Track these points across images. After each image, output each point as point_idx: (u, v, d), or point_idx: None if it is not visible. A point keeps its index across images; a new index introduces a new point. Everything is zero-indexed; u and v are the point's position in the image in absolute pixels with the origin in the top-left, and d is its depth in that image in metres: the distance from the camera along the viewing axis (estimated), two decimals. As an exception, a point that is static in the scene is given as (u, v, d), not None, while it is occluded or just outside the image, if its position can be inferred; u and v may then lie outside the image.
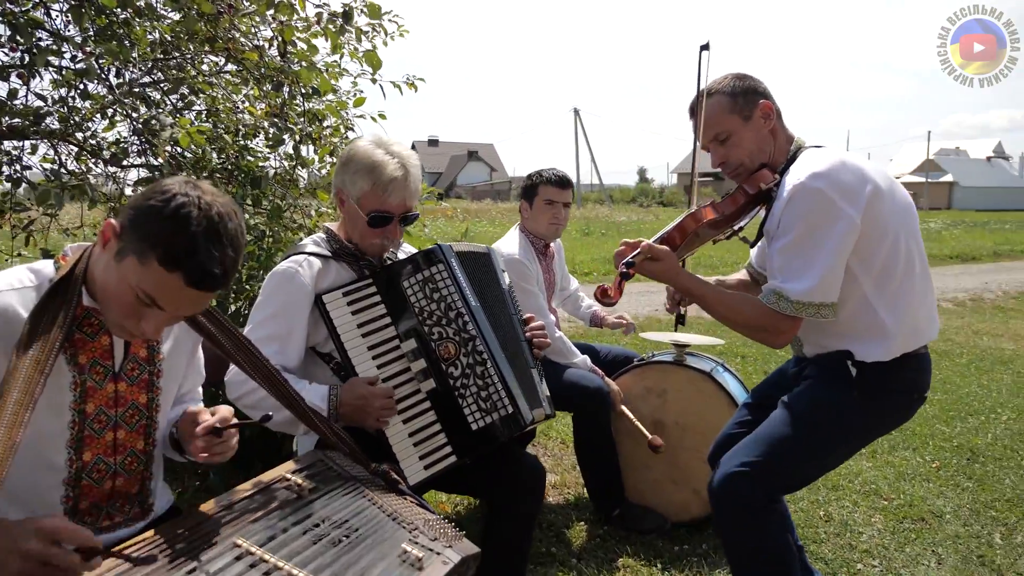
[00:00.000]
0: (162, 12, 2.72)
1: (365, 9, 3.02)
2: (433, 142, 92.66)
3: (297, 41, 3.02)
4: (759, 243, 2.39)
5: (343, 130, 3.85)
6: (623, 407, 3.08)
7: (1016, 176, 69.73)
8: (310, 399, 1.89)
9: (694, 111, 2.13)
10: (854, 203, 1.85)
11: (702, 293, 2.04)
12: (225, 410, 1.52)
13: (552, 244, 3.33)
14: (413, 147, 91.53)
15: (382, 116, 4.17)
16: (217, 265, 1.27)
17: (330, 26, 2.89)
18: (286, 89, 2.90)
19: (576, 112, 43.64)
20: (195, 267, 1.26)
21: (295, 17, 2.92)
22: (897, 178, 1.99)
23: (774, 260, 1.94)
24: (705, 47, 2.10)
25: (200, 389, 1.85)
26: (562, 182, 3.15)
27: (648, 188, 73.09)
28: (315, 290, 2.02)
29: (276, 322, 1.99)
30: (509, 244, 3.13)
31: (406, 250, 2.32)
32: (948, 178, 61.14)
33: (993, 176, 65.25)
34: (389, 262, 2.16)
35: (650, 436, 3.03)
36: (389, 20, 3.66)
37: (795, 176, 1.89)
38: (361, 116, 4.03)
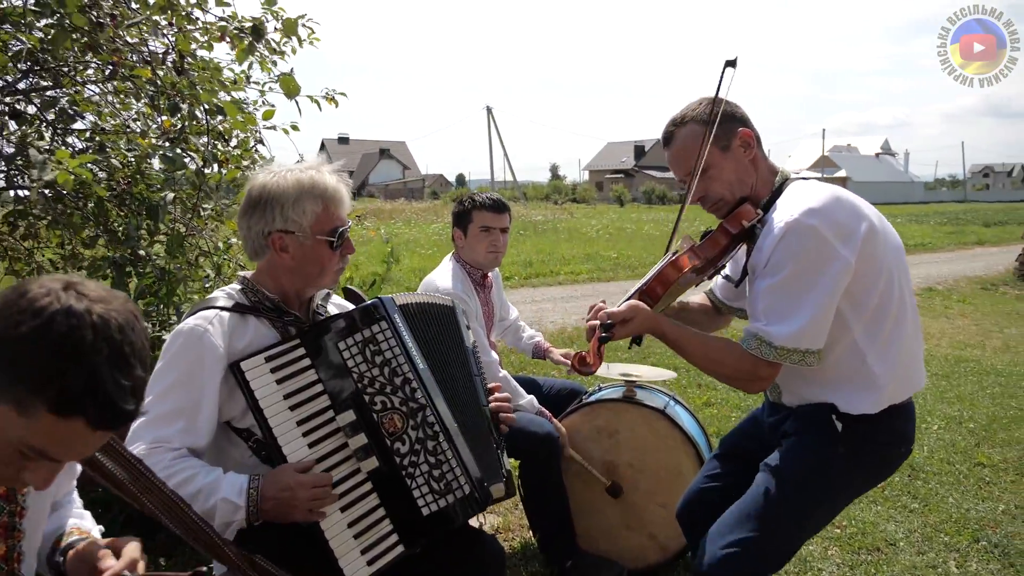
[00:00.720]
0: (32, 17, 2.27)
1: (278, 24, 2.66)
2: (343, 140, 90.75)
3: (197, 51, 2.64)
4: (724, 279, 2.22)
5: (252, 143, 3.49)
6: (571, 451, 2.86)
7: (902, 171, 74.46)
8: (224, 494, 1.57)
9: (668, 140, 1.94)
10: (849, 243, 1.69)
11: (677, 336, 1.85)
12: (131, 549, 1.18)
13: (490, 273, 3.07)
14: (323, 146, 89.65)
15: (295, 128, 3.84)
16: (129, 397, 0.96)
17: (237, 40, 2.52)
18: (185, 106, 2.52)
19: (489, 110, 43.53)
20: (102, 406, 0.94)
21: (192, 25, 2.54)
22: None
23: (758, 300, 1.76)
24: (731, 63, 1.88)
25: (74, 489, 1.49)
26: (497, 206, 2.90)
27: (561, 185, 73.93)
28: (228, 352, 1.69)
29: (180, 393, 1.65)
30: (443, 277, 2.85)
31: (337, 303, 2.01)
32: (842, 173, 64.58)
33: (882, 171, 69.44)
34: (320, 318, 1.85)
35: (608, 482, 2.84)
36: (303, 25, 3.31)
37: (787, 211, 1.72)
38: (272, 127, 3.71)
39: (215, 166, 2.84)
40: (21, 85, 2.45)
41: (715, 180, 1.87)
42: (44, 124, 2.64)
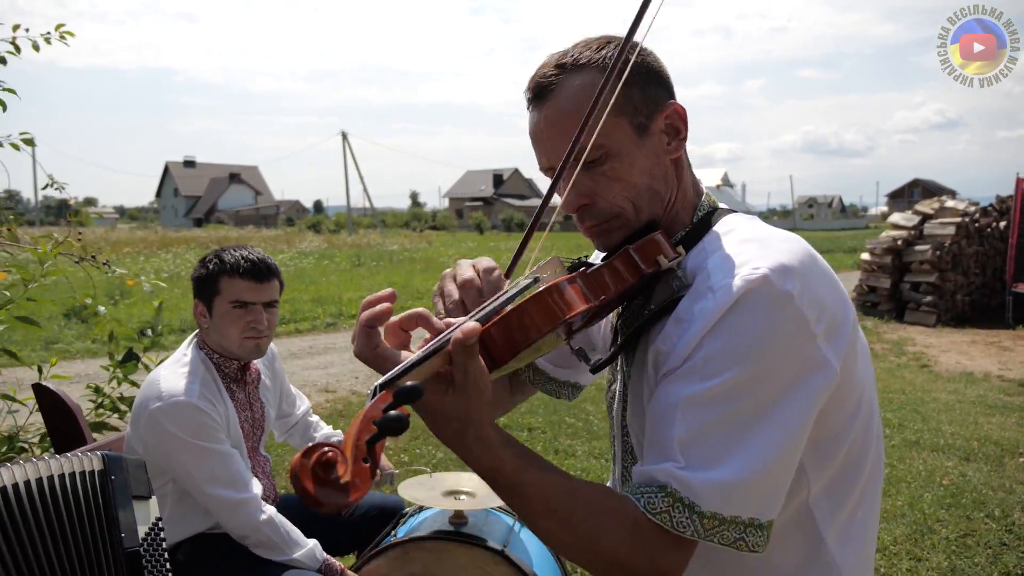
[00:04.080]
0: None
1: None
2: (189, 163, 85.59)
3: None
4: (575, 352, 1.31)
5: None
6: (375, 623, 1.98)
7: (740, 202, 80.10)
8: None
9: (544, 92, 1.06)
10: (834, 338, 0.96)
11: (518, 481, 0.92)
12: None
13: (257, 361, 2.15)
14: (167, 168, 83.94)
15: (28, 143, 3.04)
16: None
17: None
18: None
19: (344, 135, 41.96)
20: None
21: None
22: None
23: (673, 420, 0.94)
24: None
25: None
26: (257, 271, 1.97)
27: (421, 212, 73.48)
28: None
29: None
30: (174, 377, 1.89)
31: None
32: (688, 203, 68.11)
33: (723, 201, 73.61)
34: None
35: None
36: None
37: (740, 263, 0.96)
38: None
39: None
40: None
41: (614, 179, 1.05)
42: None
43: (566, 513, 0.93)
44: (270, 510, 1.94)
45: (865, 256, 11.52)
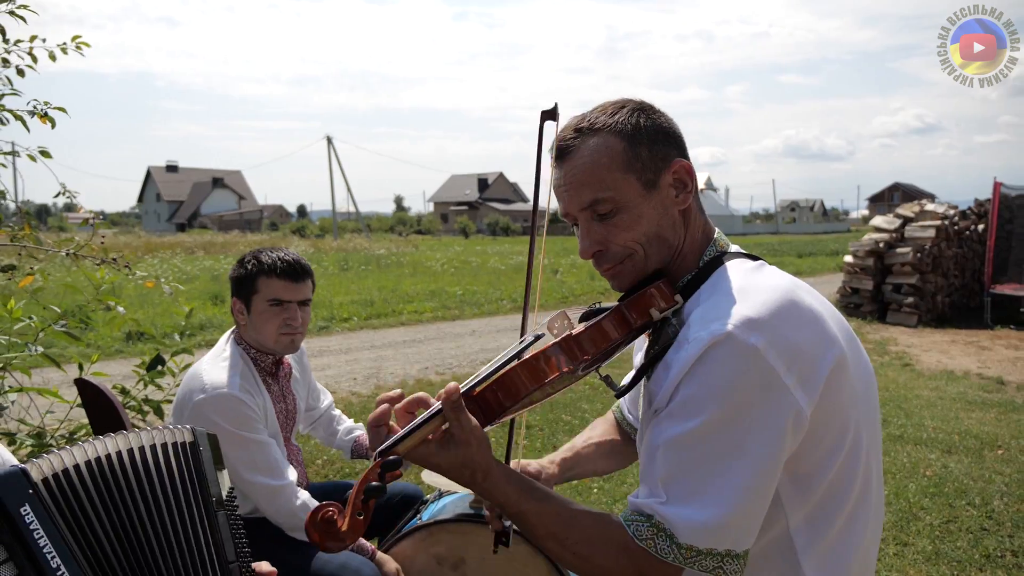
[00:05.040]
0: None
1: None
2: (172, 168, 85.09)
3: None
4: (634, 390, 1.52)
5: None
6: (405, 600, 2.11)
7: (724, 206, 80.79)
8: None
9: (565, 153, 1.23)
10: (807, 382, 1.07)
11: (521, 511, 1.13)
12: None
13: (287, 356, 2.28)
14: (149, 173, 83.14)
15: (44, 154, 3.11)
16: None
17: None
18: None
19: (329, 140, 41.93)
20: None
21: None
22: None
23: (656, 459, 1.11)
24: (550, 114, 1.24)
25: None
26: (294, 271, 2.10)
27: (406, 217, 73.49)
28: None
29: None
30: (214, 370, 2.01)
31: None
32: (672, 207, 68.54)
33: (707, 205, 74.44)
34: None
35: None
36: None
37: (715, 315, 1.09)
38: (13, 153, 2.96)
39: None
40: None
41: (624, 229, 1.20)
42: None
43: (562, 537, 1.12)
44: (304, 495, 2.06)
45: (848, 259, 11.77)
